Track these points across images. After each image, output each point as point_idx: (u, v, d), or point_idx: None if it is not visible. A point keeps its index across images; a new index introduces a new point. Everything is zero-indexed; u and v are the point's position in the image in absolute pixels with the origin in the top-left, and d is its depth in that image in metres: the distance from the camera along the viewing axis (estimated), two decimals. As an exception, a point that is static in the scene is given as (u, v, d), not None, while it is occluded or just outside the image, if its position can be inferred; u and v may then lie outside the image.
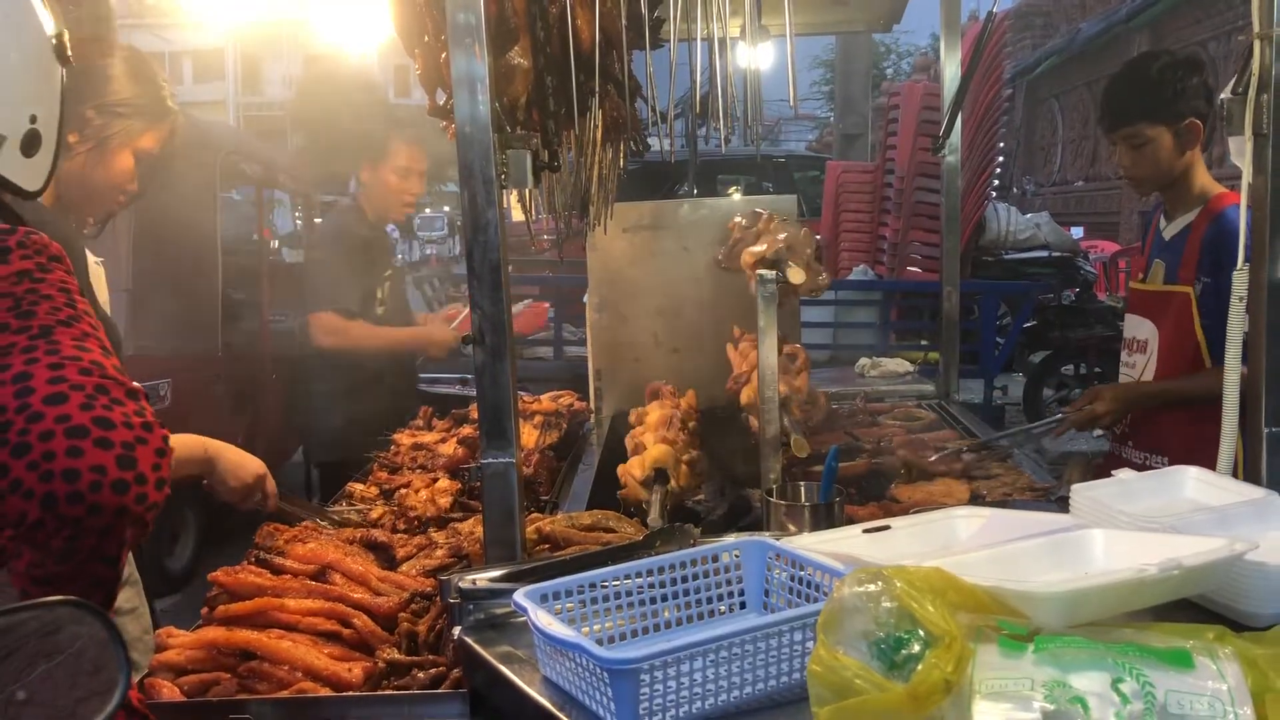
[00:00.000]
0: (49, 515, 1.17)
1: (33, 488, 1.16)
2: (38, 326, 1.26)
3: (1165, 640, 1.28)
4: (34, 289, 1.30)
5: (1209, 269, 2.81)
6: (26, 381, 1.21)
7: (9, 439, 1.17)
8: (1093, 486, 1.82)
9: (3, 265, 1.31)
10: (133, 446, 1.21)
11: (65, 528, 1.18)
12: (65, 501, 1.16)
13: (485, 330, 1.81)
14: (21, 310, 1.27)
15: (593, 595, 1.55)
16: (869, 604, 1.25)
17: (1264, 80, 1.73)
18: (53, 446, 1.17)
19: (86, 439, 1.18)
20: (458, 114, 1.76)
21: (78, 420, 1.19)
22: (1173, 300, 2.93)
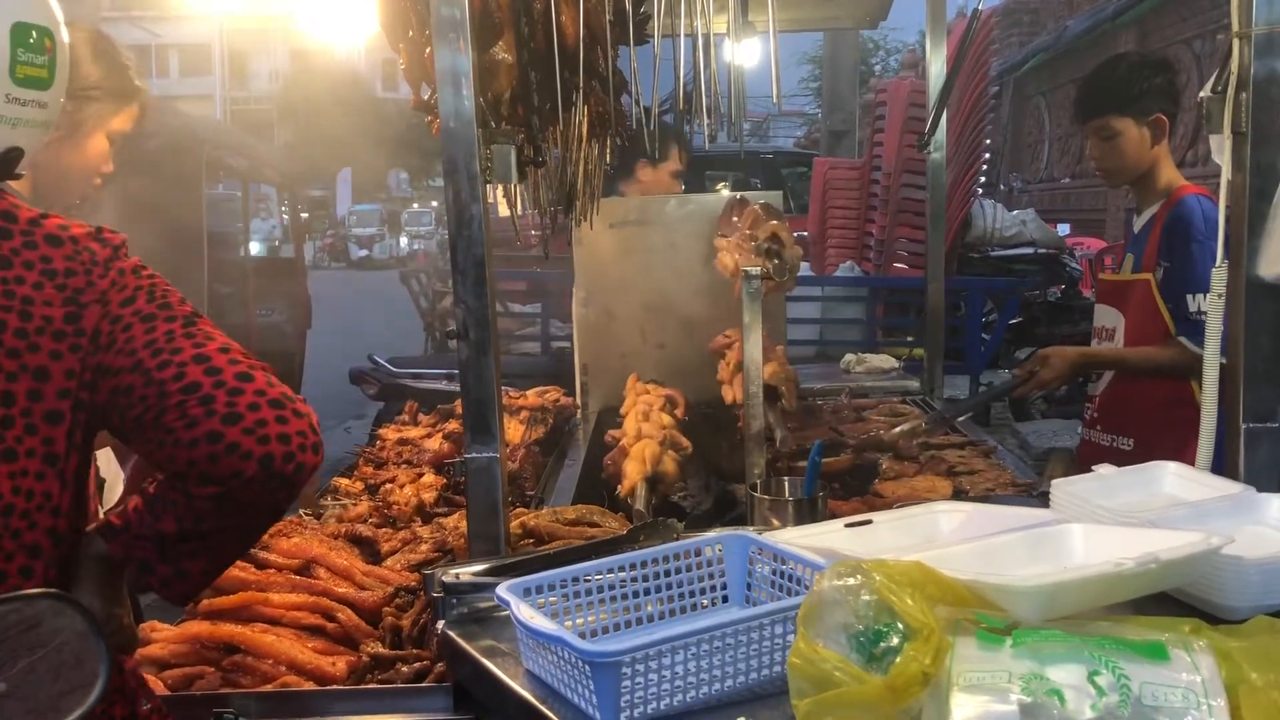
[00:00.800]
0: (264, 473, 1.36)
1: (251, 449, 1.35)
2: (181, 315, 1.46)
3: (1141, 633, 1.29)
4: (154, 281, 1.49)
5: (1166, 254, 2.95)
6: (209, 362, 1.40)
7: (216, 410, 1.36)
8: (1072, 482, 1.83)
9: (125, 260, 1.49)
10: (312, 415, 1.43)
11: (273, 483, 1.38)
12: (281, 460, 1.36)
13: (469, 325, 1.81)
14: (160, 301, 1.46)
15: (575, 589, 1.56)
16: (848, 597, 1.26)
17: (1242, 79, 1.74)
18: (263, 415, 1.37)
19: (286, 409, 1.39)
20: (442, 109, 1.76)
21: (272, 394, 1.40)
22: (1135, 288, 3.07)
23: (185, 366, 1.39)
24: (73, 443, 1.41)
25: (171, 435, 1.36)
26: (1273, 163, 1.75)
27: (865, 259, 8.65)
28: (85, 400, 1.41)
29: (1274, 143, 1.75)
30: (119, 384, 1.40)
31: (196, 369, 1.39)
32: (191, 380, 1.38)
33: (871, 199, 8.69)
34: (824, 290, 7.76)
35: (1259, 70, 1.73)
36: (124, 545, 1.45)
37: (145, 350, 1.40)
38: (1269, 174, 1.75)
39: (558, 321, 8.16)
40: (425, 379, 6.83)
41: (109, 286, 1.44)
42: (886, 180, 8.28)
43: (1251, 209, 1.76)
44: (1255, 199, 1.75)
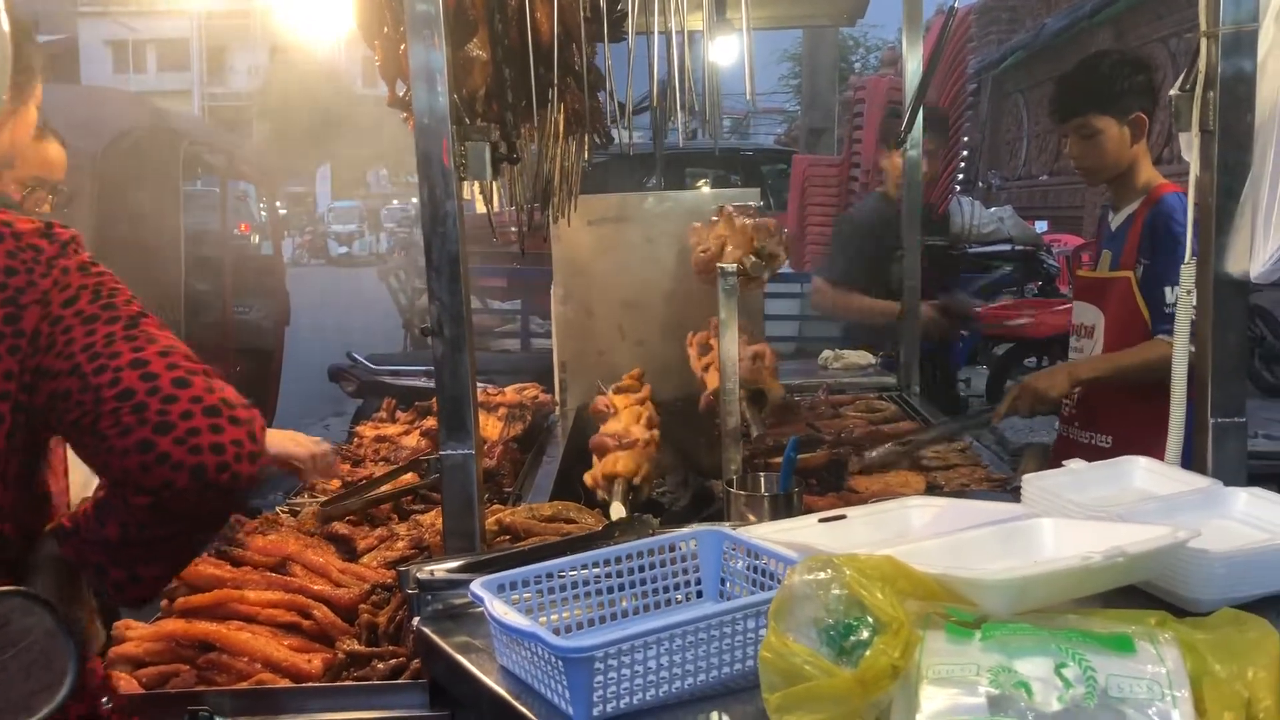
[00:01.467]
0: (196, 484, 1.32)
1: (182, 459, 1.31)
2: (125, 316, 1.41)
3: (1108, 626, 1.31)
4: (100, 280, 1.44)
5: (1147, 251, 2.96)
6: (145, 368, 1.35)
7: (149, 418, 1.32)
8: (1044, 476, 1.85)
9: (71, 258, 1.43)
10: (253, 422, 1.39)
11: (208, 493, 1.34)
12: (214, 471, 1.33)
13: (444, 322, 1.81)
14: (103, 301, 1.41)
15: (549, 585, 1.56)
16: (819, 591, 1.27)
17: (1210, 77, 1.76)
18: (196, 424, 1.33)
19: (222, 417, 1.35)
20: (416, 105, 1.76)
21: (209, 401, 1.35)
22: (1115, 285, 3.08)
23: (121, 372, 1.35)
24: (13, 445, 1.38)
25: (105, 442, 1.34)
26: (1240, 160, 1.77)
27: (844, 256, 8.66)
28: (24, 403, 1.37)
29: (1241, 141, 1.77)
30: (57, 388, 1.36)
31: (132, 374, 1.35)
32: (126, 386, 1.34)
33: (850, 196, 8.70)
34: (803, 287, 7.77)
35: (1226, 69, 1.75)
36: (74, 549, 1.43)
37: (83, 354, 1.36)
38: (1236, 171, 1.77)
39: (538, 318, 8.16)
40: (404, 376, 6.82)
41: (51, 286, 1.39)
42: (865, 177, 8.29)
43: (1219, 206, 1.78)
44: (1223, 196, 1.77)
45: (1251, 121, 1.77)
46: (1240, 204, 1.77)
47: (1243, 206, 1.77)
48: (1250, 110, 1.76)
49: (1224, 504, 1.72)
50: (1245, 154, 1.77)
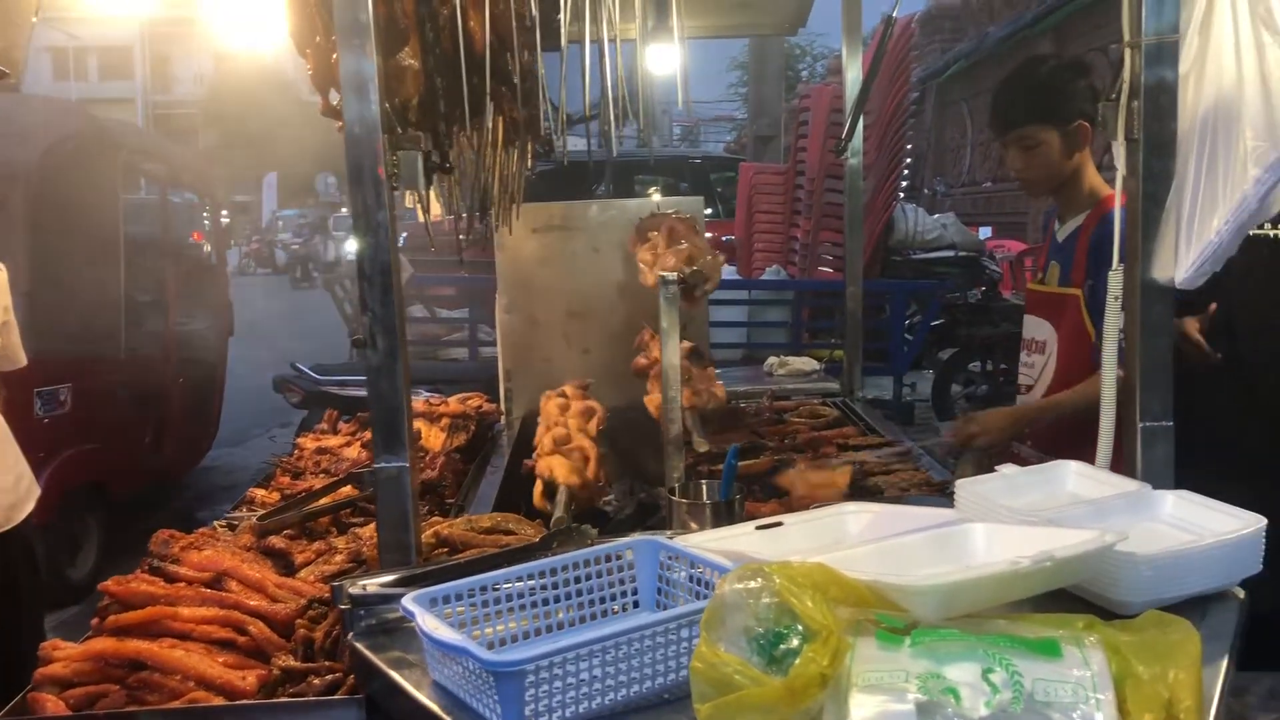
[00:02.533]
0: None
1: None
2: None
3: (1035, 630, 1.32)
4: None
5: (1093, 270, 2.83)
6: None
7: None
8: (977, 481, 1.87)
9: None
10: None
11: None
12: None
13: (377, 333, 1.79)
14: None
15: (484, 599, 1.55)
16: (749, 600, 1.27)
17: (1134, 87, 1.79)
18: None
19: None
20: (346, 114, 1.74)
21: None
22: (1066, 302, 2.97)
23: None
24: None
25: None
26: (1165, 168, 1.80)
27: (791, 262, 8.74)
28: None
29: (1165, 149, 1.80)
30: None
31: None
32: None
33: (796, 203, 8.78)
34: (750, 294, 7.82)
35: (1149, 79, 1.78)
36: None
37: None
38: (1161, 179, 1.80)
39: (486, 326, 8.11)
40: (350, 386, 6.76)
41: None
42: (810, 185, 8.37)
43: (1145, 213, 1.80)
44: (1148, 204, 1.80)
45: (1175, 130, 1.80)
46: (1165, 211, 1.80)
47: (1167, 214, 1.80)
48: (1173, 119, 1.79)
49: (1152, 507, 1.74)
50: (1169, 162, 1.80)
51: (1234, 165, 1.78)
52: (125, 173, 6.69)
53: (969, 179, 19.68)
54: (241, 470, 8.48)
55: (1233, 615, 1.58)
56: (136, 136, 8.59)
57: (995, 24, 18.32)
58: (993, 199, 18.17)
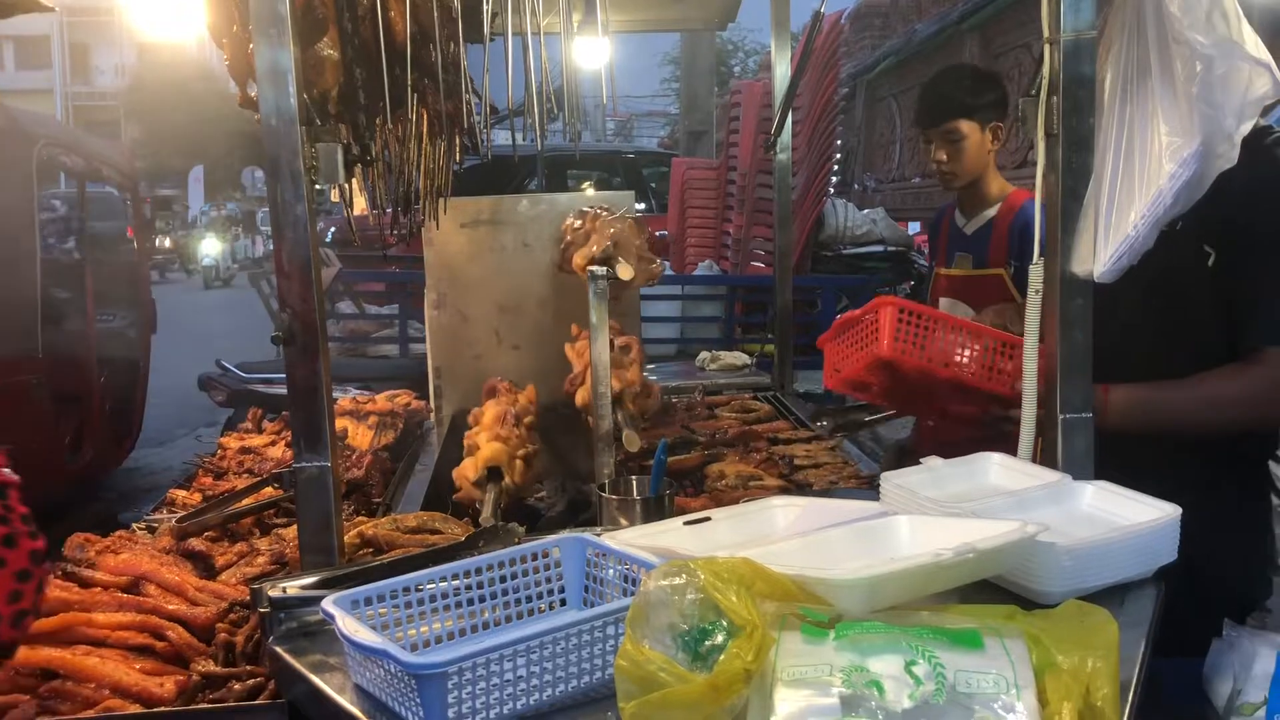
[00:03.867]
0: None
1: None
2: None
3: (958, 622, 1.33)
4: None
5: (1016, 254, 3.12)
6: None
7: None
8: (902, 474, 1.88)
9: None
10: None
11: None
12: None
13: (295, 330, 1.75)
14: None
15: (409, 599, 1.52)
16: (674, 596, 1.26)
17: (1054, 83, 1.81)
18: None
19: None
20: (263, 106, 1.70)
21: None
22: (987, 282, 3.23)
23: None
24: None
25: None
26: (1083, 163, 1.83)
27: (723, 258, 8.76)
28: None
29: (1084, 144, 1.82)
30: None
31: None
32: None
33: (728, 199, 8.80)
34: (684, 289, 7.82)
35: (1068, 75, 1.80)
36: None
37: None
38: (1080, 174, 1.83)
39: (416, 323, 8.01)
40: (276, 384, 6.63)
41: None
42: (742, 180, 8.40)
43: (1064, 208, 1.83)
44: (1067, 198, 1.82)
45: (1093, 125, 1.83)
46: (1084, 205, 1.82)
47: (1086, 208, 1.82)
48: (1091, 114, 1.82)
49: (1073, 497, 1.77)
50: (1087, 156, 1.83)
51: (1150, 160, 1.82)
52: (41, 166, 6.49)
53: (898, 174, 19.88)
54: (165, 471, 8.30)
55: (1149, 603, 1.61)
56: (53, 129, 8.34)
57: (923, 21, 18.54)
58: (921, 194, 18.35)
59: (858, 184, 18.55)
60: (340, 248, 8.93)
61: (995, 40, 15.15)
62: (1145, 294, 2.02)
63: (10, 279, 6.02)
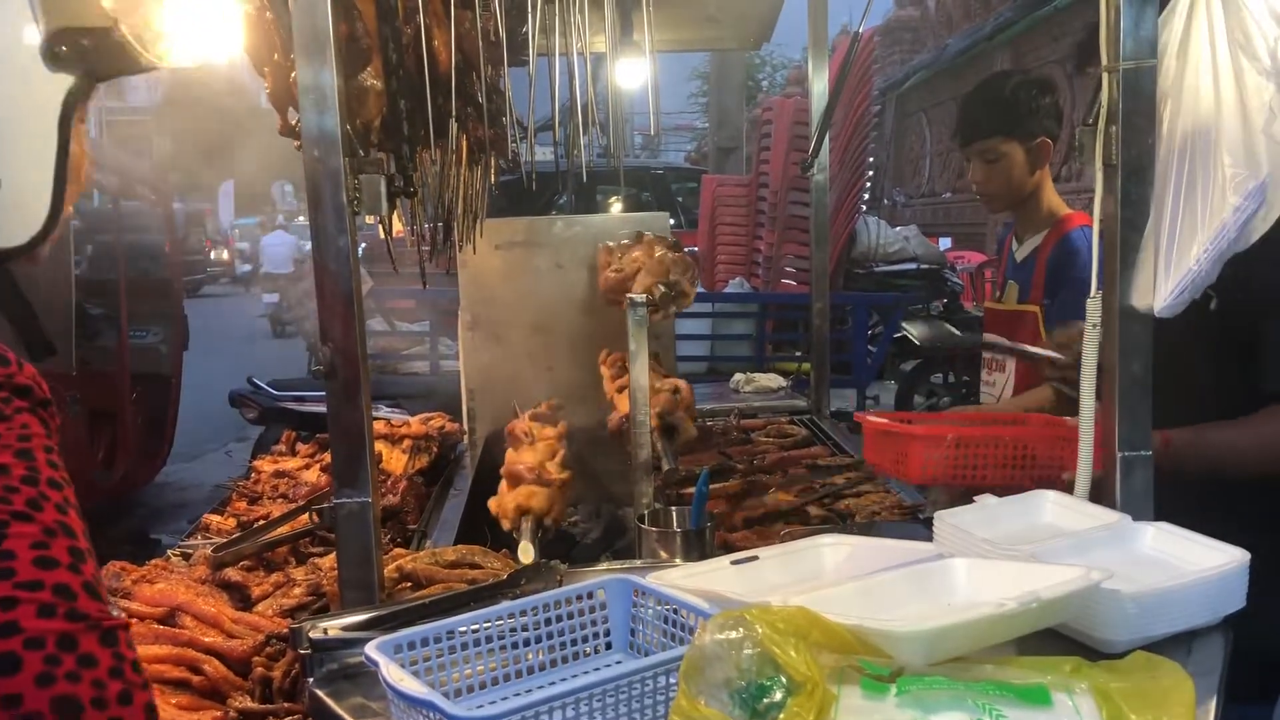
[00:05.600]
0: None
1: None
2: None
3: (1024, 676, 1.28)
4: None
5: (1050, 289, 2.89)
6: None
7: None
8: (955, 513, 1.83)
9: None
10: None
11: None
12: None
13: (337, 364, 1.72)
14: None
15: (452, 643, 1.48)
16: (730, 651, 1.22)
17: (1112, 113, 1.76)
18: None
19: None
20: (305, 136, 1.68)
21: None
22: (1024, 319, 3.00)
23: None
24: None
25: None
26: (1143, 194, 1.78)
27: (754, 275, 8.72)
28: None
29: (1143, 175, 1.77)
30: None
31: None
32: None
33: (759, 216, 8.77)
34: (714, 306, 7.78)
35: (1127, 104, 1.75)
36: None
37: None
38: (1139, 205, 1.77)
39: (447, 339, 8.00)
40: (308, 402, 6.65)
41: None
42: (773, 197, 8.36)
43: (1123, 240, 1.77)
44: (1127, 230, 1.77)
45: (1153, 156, 1.78)
46: (1144, 238, 1.77)
47: (1145, 240, 1.77)
48: (1151, 145, 1.77)
49: (1133, 539, 1.71)
50: (1147, 188, 1.78)
51: (1213, 192, 1.76)
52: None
53: (928, 190, 19.83)
54: (196, 487, 8.33)
55: (1218, 651, 1.55)
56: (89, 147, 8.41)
57: (954, 36, 18.49)
58: (952, 209, 18.31)
59: (887, 199, 18.50)
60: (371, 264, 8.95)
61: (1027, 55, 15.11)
62: None
63: (45, 296, 6.06)
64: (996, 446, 2.23)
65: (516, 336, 3.92)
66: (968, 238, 15.87)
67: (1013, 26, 15.34)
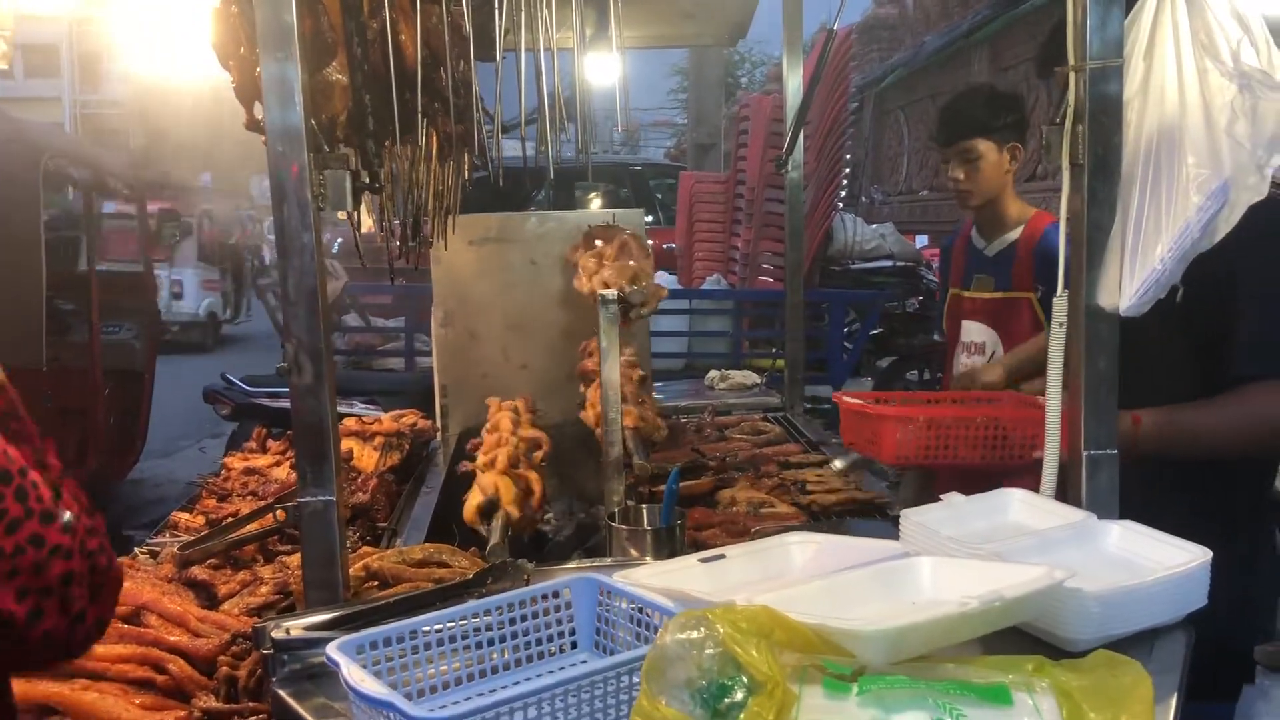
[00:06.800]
0: None
1: None
2: None
3: (985, 675, 1.28)
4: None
5: (1044, 278, 3.10)
6: None
7: None
8: (921, 511, 1.83)
9: None
10: None
11: None
12: None
13: (301, 361, 1.71)
14: None
15: (414, 644, 1.47)
16: (692, 650, 1.21)
17: (1079, 112, 1.76)
18: None
19: None
20: (269, 131, 1.66)
21: None
22: (1014, 305, 3.23)
23: None
24: None
25: None
26: (1109, 194, 1.78)
27: (731, 272, 8.72)
28: None
29: (1110, 174, 1.78)
30: None
31: None
32: None
33: (736, 213, 8.76)
34: (691, 303, 7.78)
35: (1093, 103, 1.75)
36: None
37: None
38: (1106, 205, 1.78)
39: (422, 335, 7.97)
40: (282, 398, 6.60)
41: None
42: (750, 194, 8.36)
43: (1090, 239, 1.78)
44: (1093, 229, 1.78)
45: (1119, 155, 1.78)
46: (1110, 238, 1.77)
47: (1112, 240, 1.78)
48: (1118, 144, 1.77)
49: (1098, 538, 1.72)
50: (1113, 187, 1.78)
51: (1176, 192, 1.77)
52: (48, 178, 6.48)
53: (905, 187, 19.85)
54: (170, 483, 8.27)
55: (1180, 649, 1.56)
56: (60, 140, 8.34)
57: (931, 34, 18.52)
58: (929, 207, 18.33)
59: (865, 197, 18.53)
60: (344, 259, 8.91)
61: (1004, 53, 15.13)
62: None
63: (16, 291, 6.00)
64: (968, 427, 2.28)
65: (490, 333, 3.91)
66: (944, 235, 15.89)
67: (990, 24, 15.37)
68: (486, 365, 3.91)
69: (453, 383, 3.89)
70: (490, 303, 3.91)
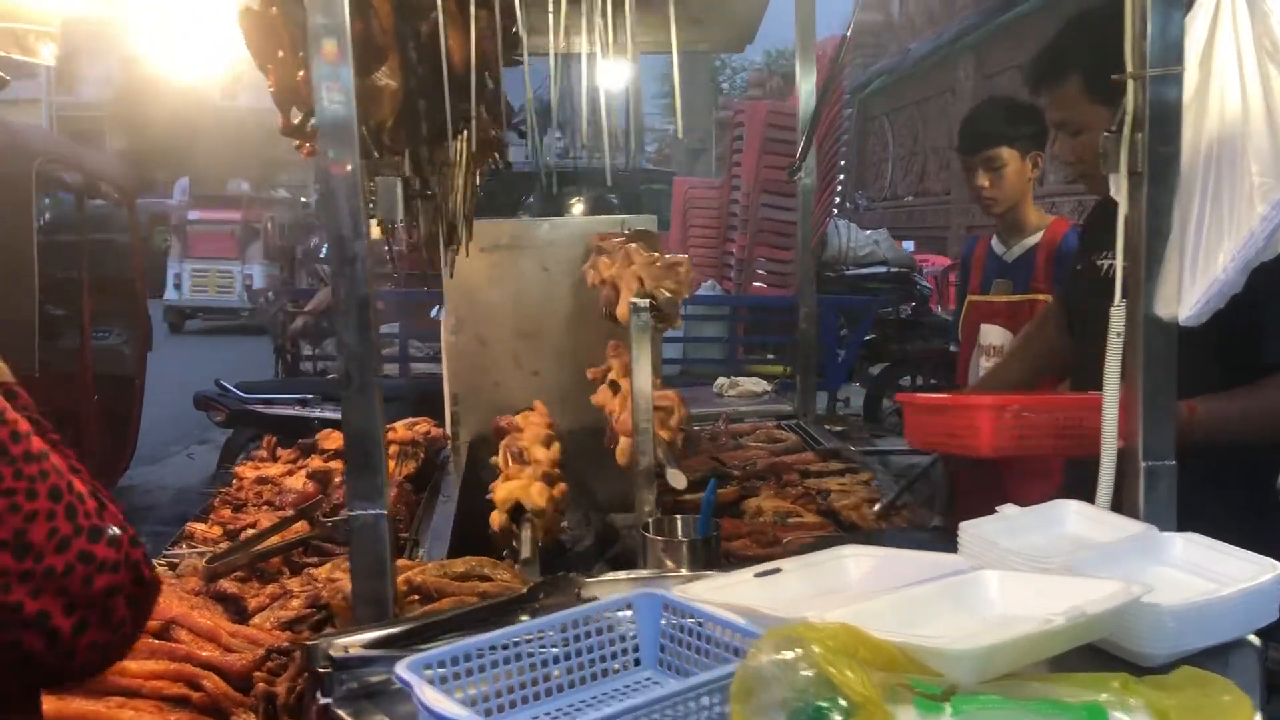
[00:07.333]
0: None
1: None
2: None
3: (1075, 694, 1.26)
4: None
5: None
6: None
7: None
8: (978, 524, 1.80)
9: None
10: None
11: None
12: None
13: (353, 371, 1.67)
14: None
15: (481, 663, 1.44)
16: (786, 671, 1.18)
17: (1138, 119, 1.75)
18: None
19: None
20: (321, 140, 1.61)
21: None
22: (1033, 308, 3.25)
23: None
24: None
25: None
26: (1167, 202, 1.76)
27: (726, 278, 8.71)
28: None
29: (1168, 183, 1.75)
30: None
31: None
32: None
33: (731, 218, 8.76)
34: (687, 309, 7.76)
35: (1152, 111, 1.73)
36: None
37: None
38: (1164, 214, 1.76)
39: (416, 342, 7.92)
40: (276, 405, 6.54)
41: None
42: (745, 200, 8.36)
43: (1149, 248, 1.76)
44: (1152, 238, 1.76)
45: (1178, 163, 1.76)
46: (1168, 247, 1.76)
47: (1170, 249, 1.76)
48: (1177, 152, 1.75)
49: (1162, 550, 1.70)
50: (1172, 196, 1.76)
51: (1239, 200, 1.75)
52: (40, 181, 6.40)
53: (890, 193, 19.95)
54: (160, 489, 8.17)
55: (1253, 664, 1.54)
56: (52, 143, 8.25)
57: (916, 41, 18.61)
58: (914, 213, 18.43)
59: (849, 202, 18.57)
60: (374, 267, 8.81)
61: (989, 60, 15.24)
62: None
63: (8, 296, 5.92)
64: (1061, 413, 2.20)
65: (501, 340, 3.87)
66: (930, 241, 15.98)
67: (975, 32, 15.47)
68: (498, 373, 3.87)
69: (464, 390, 3.85)
70: (501, 310, 3.87)
